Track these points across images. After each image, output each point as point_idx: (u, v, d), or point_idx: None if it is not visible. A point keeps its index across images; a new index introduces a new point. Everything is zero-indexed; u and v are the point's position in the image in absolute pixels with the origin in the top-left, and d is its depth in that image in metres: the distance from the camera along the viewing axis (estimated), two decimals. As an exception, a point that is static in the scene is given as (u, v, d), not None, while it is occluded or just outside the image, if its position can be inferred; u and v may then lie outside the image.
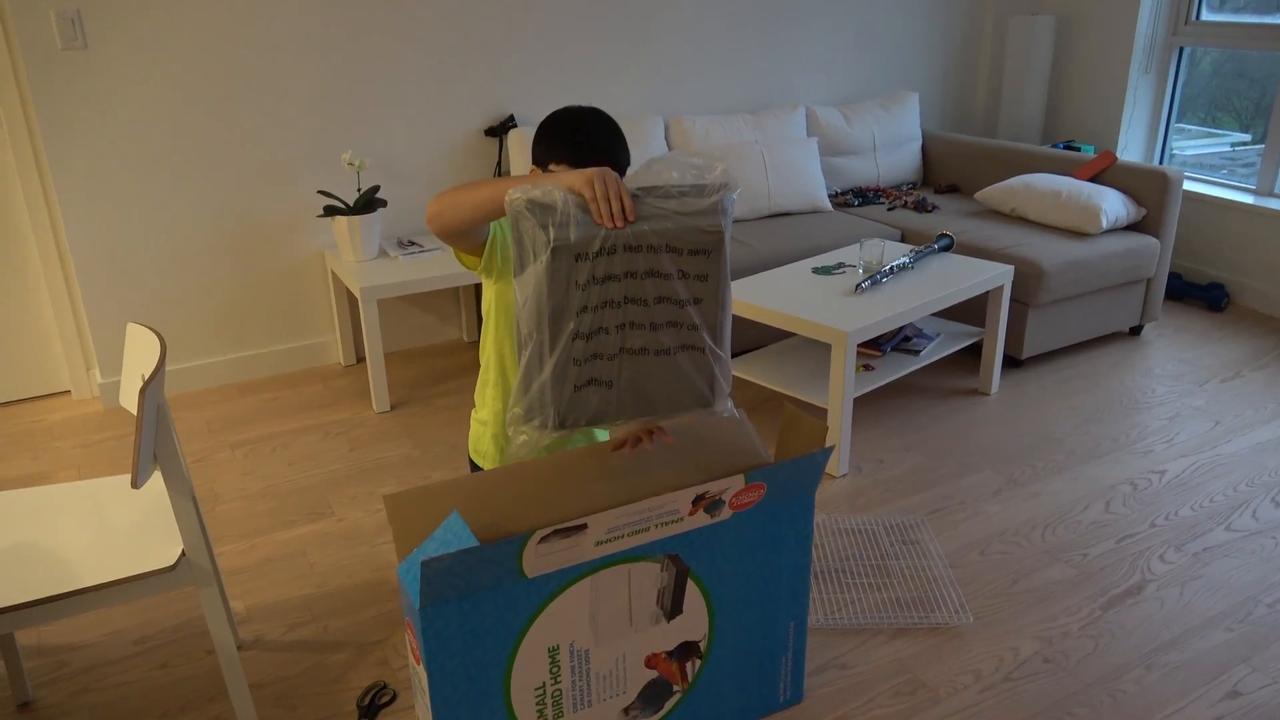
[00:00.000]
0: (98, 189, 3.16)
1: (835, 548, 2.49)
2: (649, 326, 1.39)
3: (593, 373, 1.38)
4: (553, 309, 1.33)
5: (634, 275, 1.35)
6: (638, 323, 1.38)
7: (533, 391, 1.38)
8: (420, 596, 1.47)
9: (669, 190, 1.36)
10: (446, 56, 3.55)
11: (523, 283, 1.35)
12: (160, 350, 1.72)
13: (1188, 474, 2.84)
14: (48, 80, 2.99)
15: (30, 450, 3.05)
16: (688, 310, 1.39)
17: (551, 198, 1.31)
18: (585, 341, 1.36)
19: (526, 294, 1.35)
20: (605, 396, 1.41)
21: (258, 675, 2.07)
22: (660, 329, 1.39)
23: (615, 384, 1.40)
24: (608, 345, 1.38)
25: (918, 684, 2.03)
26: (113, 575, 1.65)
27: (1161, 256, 3.70)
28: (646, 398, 1.43)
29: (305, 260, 3.55)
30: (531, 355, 1.37)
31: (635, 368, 1.40)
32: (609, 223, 1.32)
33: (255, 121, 3.32)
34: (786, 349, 3.20)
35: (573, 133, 1.65)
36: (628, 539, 1.62)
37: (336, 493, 2.78)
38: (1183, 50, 4.43)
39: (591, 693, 1.72)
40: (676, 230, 1.34)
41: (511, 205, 1.32)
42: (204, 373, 3.49)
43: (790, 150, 3.95)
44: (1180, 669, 2.06)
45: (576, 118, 1.67)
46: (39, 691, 2.02)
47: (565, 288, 1.32)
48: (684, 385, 1.43)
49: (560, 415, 1.39)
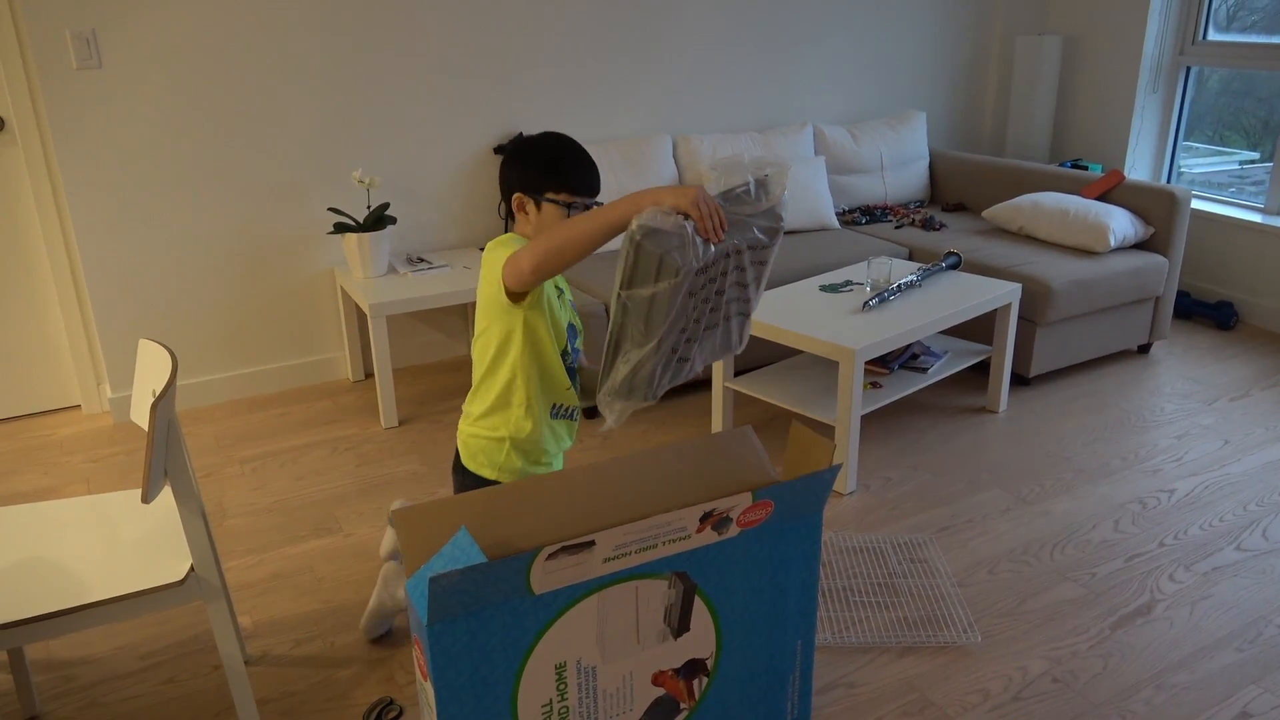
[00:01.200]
0: (110, 205, 3.19)
1: (843, 566, 2.48)
2: (722, 306, 1.64)
3: (683, 353, 1.65)
4: (673, 316, 1.54)
5: (724, 273, 1.59)
6: (716, 306, 1.63)
7: (641, 374, 1.61)
8: (428, 613, 1.48)
9: (739, 195, 1.57)
10: (456, 75, 3.58)
11: (636, 297, 1.53)
12: (172, 366, 1.73)
13: (1197, 493, 2.83)
14: (62, 98, 3.03)
15: (40, 464, 3.06)
16: (749, 287, 1.65)
17: (672, 224, 1.49)
18: (684, 332, 1.61)
19: (643, 305, 1.53)
20: (680, 367, 1.66)
21: (265, 690, 2.07)
22: (728, 304, 1.65)
23: (690, 357, 1.67)
24: (696, 330, 1.63)
25: (926, 703, 2.02)
26: (121, 590, 1.66)
27: (1170, 275, 3.70)
28: (702, 355, 1.70)
29: (315, 277, 3.57)
30: (648, 350, 1.57)
31: (704, 337, 1.66)
32: (714, 238, 1.51)
33: (266, 139, 3.35)
34: (794, 366, 3.20)
35: (572, 165, 1.80)
36: (635, 556, 1.62)
37: (344, 508, 2.79)
38: (1190, 69, 4.44)
39: (598, 710, 1.71)
40: (754, 233, 1.58)
41: (637, 231, 1.48)
42: (213, 388, 3.51)
43: (798, 168, 3.96)
44: (1190, 689, 2.05)
45: (567, 148, 1.82)
46: (47, 705, 2.03)
47: (684, 297, 1.53)
48: (725, 341, 1.70)
49: (656, 390, 1.64)
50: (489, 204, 3.79)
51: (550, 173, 1.78)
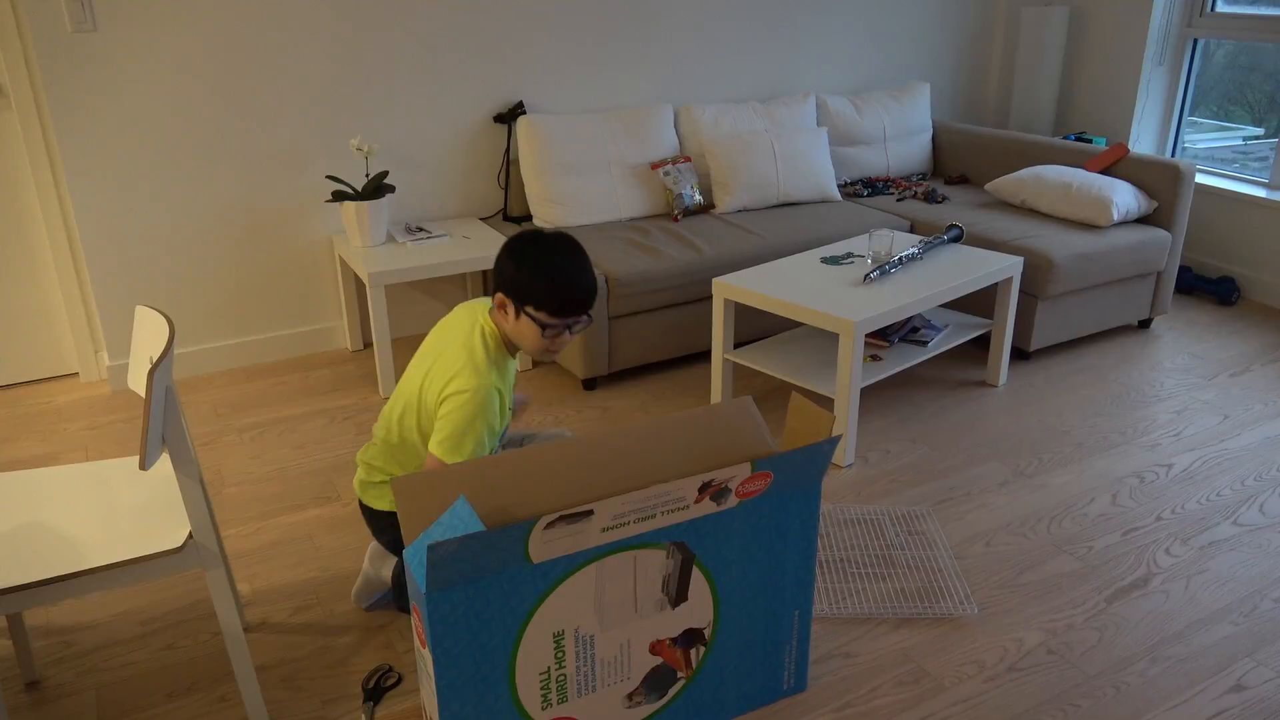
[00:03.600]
0: (107, 171, 3.16)
1: (841, 538, 2.49)
2: None
3: None
4: None
5: None
6: None
7: None
8: (426, 581, 1.48)
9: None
10: (456, 42, 3.54)
11: None
12: (169, 333, 1.72)
13: (1195, 468, 2.83)
14: (57, 62, 2.99)
15: (39, 432, 3.06)
16: None
17: None
18: None
19: None
20: None
21: (264, 657, 2.08)
22: None
23: None
24: None
25: (921, 674, 2.03)
26: (120, 556, 1.66)
27: (1172, 250, 3.68)
28: None
29: (313, 245, 3.55)
30: None
31: None
32: None
33: (265, 106, 3.32)
34: (794, 338, 3.19)
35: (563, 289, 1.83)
36: (634, 526, 1.62)
37: (343, 477, 2.79)
38: (1197, 42, 4.40)
39: (596, 678, 1.72)
40: None
41: None
42: (212, 356, 3.50)
43: (800, 140, 3.93)
44: (1184, 662, 2.06)
45: (564, 271, 1.83)
46: (46, 671, 2.03)
47: None
48: None
49: None
50: (488, 173, 3.77)
51: (539, 290, 1.82)
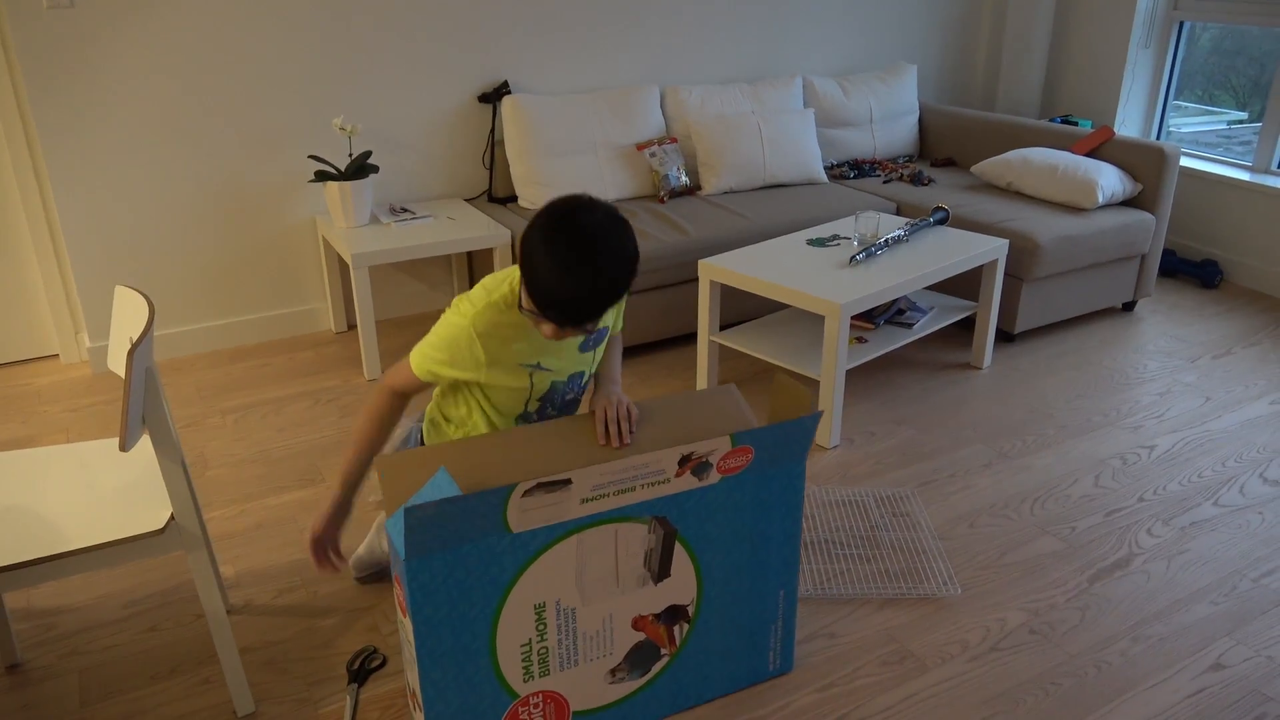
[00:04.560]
0: (86, 150, 3.12)
1: (825, 519, 2.49)
2: None
3: None
4: None
5: None
6: None
7: None
8: (404, 546, 1.47)
9: None
10: (441, 21, 3.51)
11: None
12: (149, 313, 1.70)
13: (1177, 449, 2.85)
14: (33, 40, 2.95)
15: (19, 414, 3.03)
16: None
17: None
18: None
19: None
20: None
21: (247, 639, 2.07)
22: None
23: None
24: None
25: (905, 653, 2.04)
26: (101, 538, 1.65)
27: (1156, 233, 3.69)
28: None
29: (296, 226, 3.52)
30: None
31: None
32: None
33: (246, 84, 3.28)
34: (779, 321, 3.19)
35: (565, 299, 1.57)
36: (614, 498, 1.62)
37: (327, 459, 2.78)
38: (1183, 25, 4.40)
39: (578, 652, 1.72)
40: None
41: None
42: (194, 338, 3.47)
43: (786, 121, 3.92)
44: (1165, 641, 2.08)
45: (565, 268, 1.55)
46: (28, 654, 2.02)
47: None
48: None
49: None
50: (473, 153, 3.74)
51: (536, 287, 1.58)
